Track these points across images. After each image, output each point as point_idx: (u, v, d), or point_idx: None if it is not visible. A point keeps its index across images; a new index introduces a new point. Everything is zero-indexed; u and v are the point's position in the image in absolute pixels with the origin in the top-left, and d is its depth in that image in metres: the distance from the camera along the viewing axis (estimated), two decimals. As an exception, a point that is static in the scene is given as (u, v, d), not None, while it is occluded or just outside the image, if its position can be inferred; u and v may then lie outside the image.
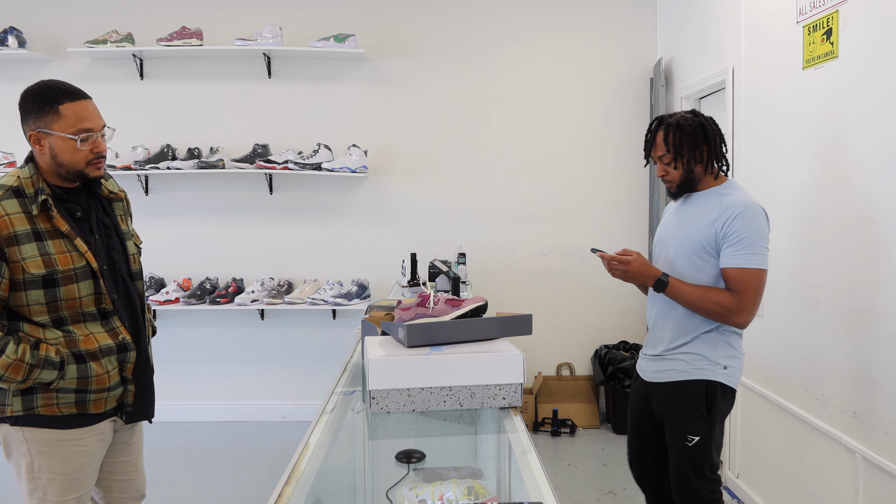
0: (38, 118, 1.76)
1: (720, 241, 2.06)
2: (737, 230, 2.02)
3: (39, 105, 1.76)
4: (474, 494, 1.45)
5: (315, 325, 4.56)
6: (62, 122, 1.75)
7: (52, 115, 1.75)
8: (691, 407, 2.14)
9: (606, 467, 3.79)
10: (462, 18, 4.50)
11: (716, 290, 2.08)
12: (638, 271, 2.14)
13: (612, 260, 2.16)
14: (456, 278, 3.09)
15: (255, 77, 4.48)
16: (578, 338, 4.64)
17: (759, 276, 2.03)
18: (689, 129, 2.10)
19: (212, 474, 3.74)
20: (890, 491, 2.18)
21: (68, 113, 1.76)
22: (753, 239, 2.02)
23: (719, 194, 2.13)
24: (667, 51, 4.32)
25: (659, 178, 2.18)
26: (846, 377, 2.42)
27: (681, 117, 2.13)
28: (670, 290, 2.11)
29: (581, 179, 4.55)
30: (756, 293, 2.03)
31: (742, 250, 2.02)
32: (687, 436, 2.14)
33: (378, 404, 1.58)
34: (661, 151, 2.15)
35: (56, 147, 1.76)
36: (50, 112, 1.75)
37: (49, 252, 1.75)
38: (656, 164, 2.20)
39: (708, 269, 2.10)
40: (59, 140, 1.76)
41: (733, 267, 2.03)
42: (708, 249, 2.08)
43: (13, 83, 4.49)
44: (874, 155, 2.25)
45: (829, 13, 2.45)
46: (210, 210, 4.53)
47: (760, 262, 2.02)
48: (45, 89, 1.76)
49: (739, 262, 2.02)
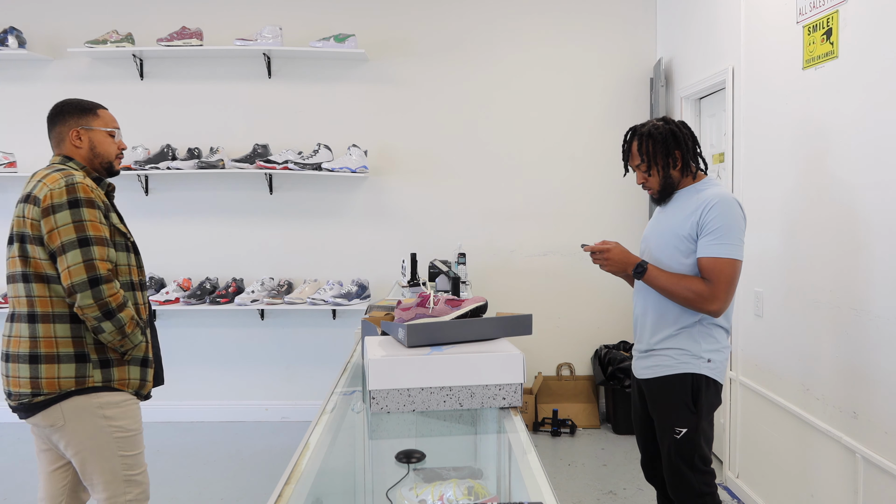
0: (79, 118, 2.13)
1: (699, 232, 2.13)
2: (711, 221, 2.10)
3: (80, 109, 2.15)
4: (474, 494, 1.45)
5: (315, 325, 4.56)
6: (100, 121, 2.17)
7: (91, 115, 2.15)
8: (678, 400, 2.20)
9: (606, 467, 3.79)
10: (462, 18, 4.50)
11: (690, 277, 2.15)
12: (618, 258, 2.23)
13: (594, 251, 2.26)
14: (456, 278, 3.09)
15: (255, 77, 4.49)
16: (578, 338, 4.64)
17: (732, 266, 2.10)
18: (661, 136, 2.19)
19: (212, 474, 3.74)
20: (890, 491, 2.18)
21: (104, 115, 2.19)
22: (727, 230, 2.09)
23: (697, 190, 2.23)
24: (667, 51, 4.32)
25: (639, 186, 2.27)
26: (846, 377, 2.42)
27: (652, 126, 2.22)
28: (648, 277, 2.19)
29: (581, 179, 4.55)
30: (728, 282, 2.10)
31: (715, 240, 2.09)
32: (675, 428, 2.20)
33: (378, 404, 1.58)
34: (637, 160, 2.25)
35: (95, 140, 2.14)
36: (90, 114, 2.16)
37: (122, 222, 2.14)
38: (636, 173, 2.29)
39: (686, 262, 2.18)
40: (98, 134, 2.15)
41: (707, 256, 2.11)
42: (686, 241, 2.16)
43: (13, 83, 4.52)
44: (874, 155, 2.25)
45: (828, 13, 2.45)
46: (210, 210, 4.53)
47: (734, 252, 2.09)
48: (78, 101, 2.17)
49: (713, 251, 2.10)
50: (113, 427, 2.06)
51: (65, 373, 1.99)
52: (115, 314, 1.97)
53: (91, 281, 1.92)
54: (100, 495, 2.10)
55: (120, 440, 2.09)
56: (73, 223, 1.94)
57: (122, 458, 2.09)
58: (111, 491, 2.09)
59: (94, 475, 2.08)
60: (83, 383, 2.01)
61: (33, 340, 1.98)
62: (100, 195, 2.03)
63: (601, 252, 2.24)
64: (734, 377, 3.31)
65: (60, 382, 1.98)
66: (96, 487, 2.10)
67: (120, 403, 2.08)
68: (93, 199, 1.99)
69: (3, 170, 4.29)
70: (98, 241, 1.97)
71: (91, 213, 1.97)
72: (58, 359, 1.98)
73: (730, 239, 2.09)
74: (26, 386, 1.98)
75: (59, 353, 1.98)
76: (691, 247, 2.16)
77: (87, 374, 2.02)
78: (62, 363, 1.99)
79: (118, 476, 2.08)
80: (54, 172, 2.01)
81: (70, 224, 1.94)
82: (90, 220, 1.97)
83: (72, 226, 1.94)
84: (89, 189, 1.99)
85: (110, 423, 2.06)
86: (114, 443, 2.07)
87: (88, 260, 1.94)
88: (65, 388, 1.99)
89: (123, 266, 2.08)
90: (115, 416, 2.07)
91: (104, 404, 2.05)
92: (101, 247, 1.97)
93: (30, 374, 1.98)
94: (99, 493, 2.10)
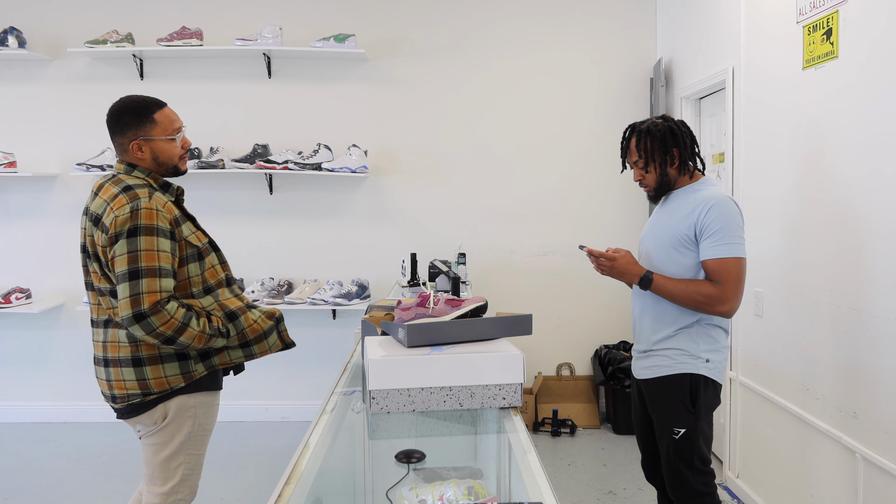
0: (137, 128, 2.07)
1: (698, 234, 2.14)
2: (711, 223, 2.11)
3: (138, 116, 2.07)
4: (474, 494, 1.45)
5: (315, 325, 4.56)
6: (159, 129, 2.09)
7: (149, 123, 2.08)
8: (676, 400, 2.21)
9: (606, 467, 3.79)
10: (462, 18, 4.50)
11: (698, 281, 2.15)
12: (623, 268, 2.23)
13: (601, 257, 2.26)
14: (456, 278, 3.09)
15: (255, 77, 4.49)
16: (578, 338, 4.64)
17: (738, 265, 2.11)
18: (659, 134, 2.20)
19: (212, 474, 3.73)
20: (890, 491, 2.18)
21: (161, 119, 2.10)
22: (728, 230, 2.10)
23: (693, 190, 2.23)
24: (667, 51, 4.32)
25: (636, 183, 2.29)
26: (846, 377, 2.42)
27: (651, 123, 2.23)
28: (655, 287, 2.19)
29: (581, 179, 4.55)
30: (737, 281, 2.11)
31: (718, 241, 2.10)
32: (673, 428, 2.21)
33: (378, 404, 1.58)
34: (634, 157, 2.27)
35: (157, 149, 2.10)
36: (148, 121, 2.07)
37: (192, 231, 2.11)
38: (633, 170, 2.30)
39: (684, 262, 2.18)
40: (160, 143, 2.09)
41: (712, 258, 2.12)
42: (684, 242, 2.17)
43: (13, 83, 4.52)
44: (875, 155, 2.25)
45: (829, 13, 2.45)
46: (210, 210, 4.53)
47: (737, 250, 2.11)
48: (135, 104, 2.08)
49: (717, 252, 2.10)
50: (197, 426, 2.14)
51: (170, 371, 2.07)
52: (176, 339, 1.97)
53: (136, 317, 1.92)
54: (154, 488, 2.14)
55: (194, 438, 2.15)
56: (128, 254, 1.94)
57: (189, 457, 2.15)
58: (167, 486, 2.12)
59: (156, 467, 2.12)
60: (190, 378, 2.09)
61: (134, 345, 2.04)
62: (166, 213, 2.00)
63: (608, 259, 2.24)
64: (734, 377, 3.31)
65: (169, 380, 2.06)
66: (155, 479, 2.13)
67: (212, 405, 2.19)
68: (153, 225, 1.96)
69: (3, 170, 4.28)
70: (149, 272, 1.94)
71: (148, 242, 1.95)
72: (160, 359, 2.05)
73: (731, 238, 2.10)
74: (134, 388, 2.05)
75: (161, 353, 2.05)
76: (688, 247, 2.17)
77: (191, 368, 2.09)
78: (166, 363, 2.06)
79: (178, 473, 2.13)
80: (121, 195, 1.98)
81: (125, 255, 1.94)
82: (146, 250, 1.94)
83: (126, 256, 1.94)
84: (153, 213, 1.97)
85: (197, 421, 2.14)
86: (189, 441, 2.14)
87: (135, 295, 1.93)
88: (174, 385, 2.07)
89: (196, 276, 2.09)
90: (203, 415, 2.16)
91: (199, 403, 2.13)
92: (150, 279, 1.94)
93: (135, 376, 2.04)
94: (156, 485, 2.13)
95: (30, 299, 4.47)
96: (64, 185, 4.51)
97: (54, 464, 3.87)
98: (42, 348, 4.57)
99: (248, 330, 2.15)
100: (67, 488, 3.54)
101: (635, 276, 2.21)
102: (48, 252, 4.47)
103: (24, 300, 4.42)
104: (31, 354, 4.57)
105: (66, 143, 4.48)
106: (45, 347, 4.56)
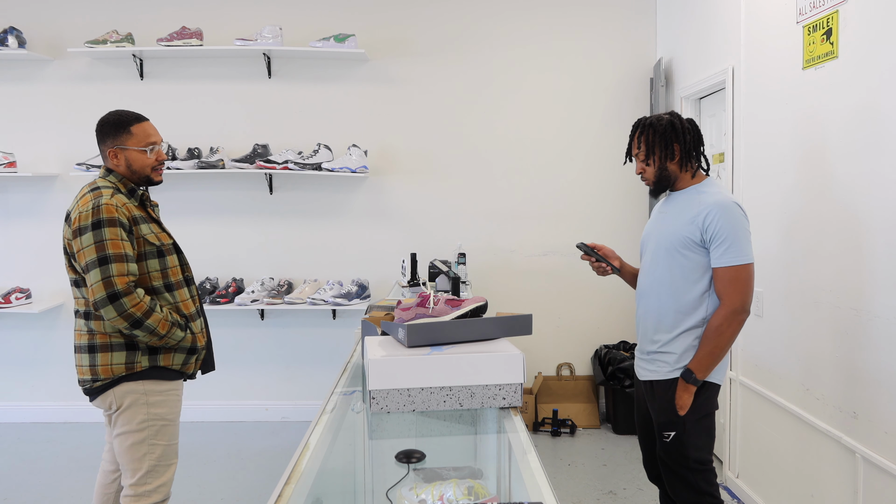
0: (115, 138, 2.28)
1: (705, 239, 2.16)
2: (719, 230, 2.13)
3: (116, 127, 2.28)
4: (474, 494, 1.45)
5: (315, 325, 4.56)
6: (134, 140, 2.29)
7: (125, 134, 2.29)
8: (674, 402, 2.22)
9: (606, 467, 3.79)
10: (462, 18, 4.50)
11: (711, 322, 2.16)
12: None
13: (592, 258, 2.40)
14: (456, 278, 3.09)
15: (255, 77, 4.49)
16: (578, 338, 4.64)
17: (748, 270, 2.15)
18: (661, 128, 2.23)
19: (212, 474, 3.74)
20: (890, 491, 2.18)
21: (138, 131, 2.31)
22: (735, 236, 2.13)
23: (697, 192, 2.24)
24: (667, 51, 4.32)
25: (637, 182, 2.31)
26: (846, 377, 2.42)
27: (656, 118, 2.26)
28: (702, 372, 2.17)
29: (581, 179, 4.55)
30: (746, 284, 2.15)
31: (728, 249, 2.13)
32: (671, 429, 2.22)
33: (378, 404, 1.58)
34: (636, 149, 2.29)
35: (130, 157, 2.29)
36: (124, 132, 2.28)
37: (152, 231, 2.28)
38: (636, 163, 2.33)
39: (687, 264, 2.20)
40: (133, 153, 2.29)
41: (724, 266, 2.14)
42: (688, 245, 2.19)
43: (13, 83, 4.52)
44: (875, 155, 2.25)
45: (828, 13, 2.45)
46: (210, 210, 4.53)
47: (746, 256, 2.15)
48: (116, 117, 2.31)
49: (728, 260, 2.14)
50: (152, 414, 2.24)
51: (116, 360, 2.21)
52: (143, 322, 2.14)
53: (110, 297, 2.10)
54: (126, 481, 2.27)
55: (152, 427, 2.25)
56: (95, 244, 2.12)
57: (153, 447, 2.25)
58: (135, 478, 2.24)
59: (124, 458, 2.25)
60: (132, 368, 2.22)
61: (90, 333, 2.22)
62: (125, 210, 2.19)
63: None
64: (734, 377, 3.31)
65: (113, 368, 2.21)
66: (126, 472, 2.26)
67: (164, 392, 2.28)
68: (115, 217, 2.15)
69: (3, 170, 4.28)
70: (117, 257, 2.13)
71: (112, 232, 2.14)
72: (111, 348, 2.21)
73: (739, 244, 2.12)
74: (87, 373, 2.22)
75: (112, 342, 2.21)
76: (692, 250, 2.18)
77: (136, 360, 2.23)
78: (114, 351, 2.21)
79: (144, 464, 2.24)
80: (88, 193, 2.20)
81: (92, 245, 2.12)
82: (111, 239, 2.13)
83: (94, 246, 2.12)
84: (113, 208, 2.15)
85: (151, 409, 2.24)
86: (149, 429, 2.24)
87: (107, 277, 2.11)
88: (117, 373, 2.20)
89: (156, 272, 2.26)
90: (156, 402, 2.26)
91: (149, 391, 2.24)
92: (119, 263, 2.13)
93: (88, 362, 2.21)
94: (126, 478, 2.26)
95: (30, 299, 4.47)
96: (64, 185, 4.51)
97: (54, 464, 3.87)
98: (42, 348, 4.57)
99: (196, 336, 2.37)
100: (67, 488, 3.53)
101: (686, 387, 2.19)
102: (48, 252, 4.47)
103: (24, 300, 4.42)
104: (31, 354, 4.57)
105: (66, 143, 4.48)
106: (45, 347, 4.56)
